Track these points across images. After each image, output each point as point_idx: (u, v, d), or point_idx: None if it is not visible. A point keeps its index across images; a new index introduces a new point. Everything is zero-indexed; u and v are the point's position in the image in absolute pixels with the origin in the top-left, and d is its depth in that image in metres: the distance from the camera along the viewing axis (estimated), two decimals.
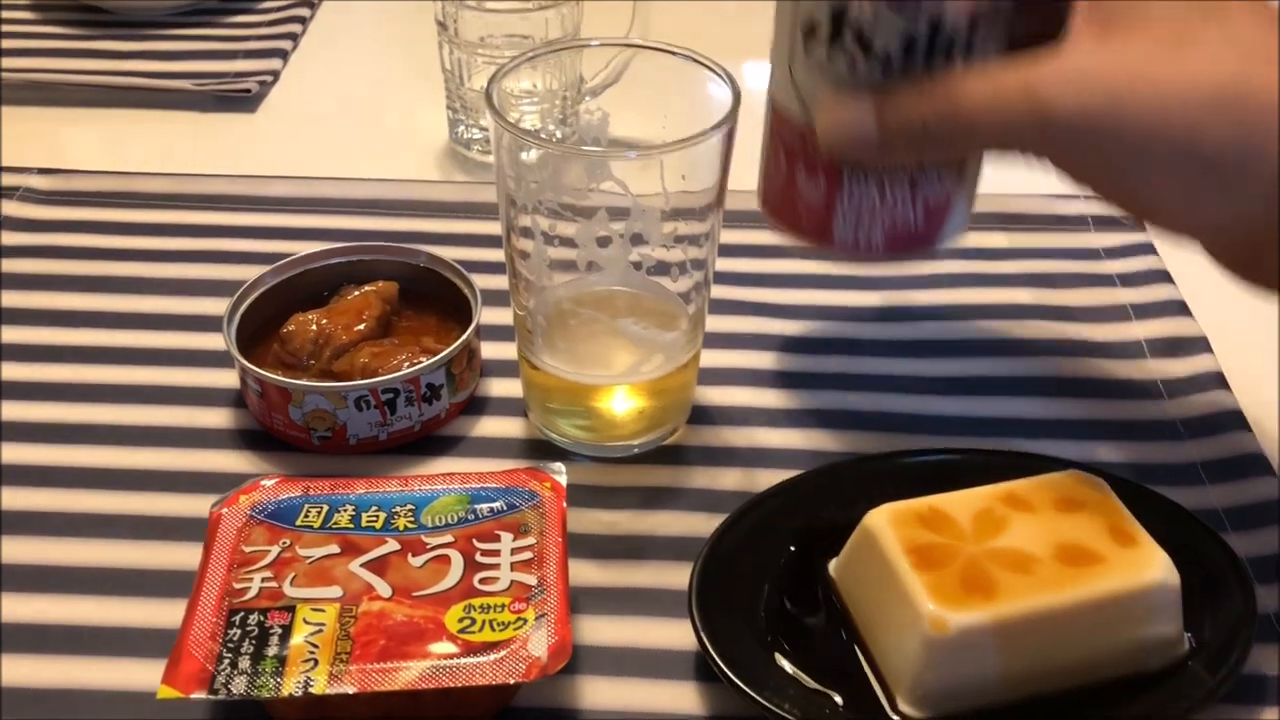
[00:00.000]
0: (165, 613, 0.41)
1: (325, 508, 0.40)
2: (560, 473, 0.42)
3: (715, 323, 0.51)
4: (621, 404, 0.47)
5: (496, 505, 0.40)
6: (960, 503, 0.40)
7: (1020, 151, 0.37)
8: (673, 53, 0.45)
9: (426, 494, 0.40)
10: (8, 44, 0.78)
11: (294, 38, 0.80)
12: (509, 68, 0.44)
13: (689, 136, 0.40)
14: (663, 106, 0.46)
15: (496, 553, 0.38)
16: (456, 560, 0.38)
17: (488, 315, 0.51)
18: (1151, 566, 0.38)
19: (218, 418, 0.50)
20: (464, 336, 0.49)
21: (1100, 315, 0.56)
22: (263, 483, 0.41)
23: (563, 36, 0.65)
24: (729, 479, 0.47)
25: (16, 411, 0.50)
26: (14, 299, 0.56)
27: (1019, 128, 0.36)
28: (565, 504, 0.40)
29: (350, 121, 0.73)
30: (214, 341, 0.51)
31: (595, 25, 0.66)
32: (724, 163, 0.42)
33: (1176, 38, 0.34)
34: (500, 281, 0.47)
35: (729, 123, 0.41)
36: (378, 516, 0.39)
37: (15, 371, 0.52)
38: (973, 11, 0.37)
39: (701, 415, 0.50)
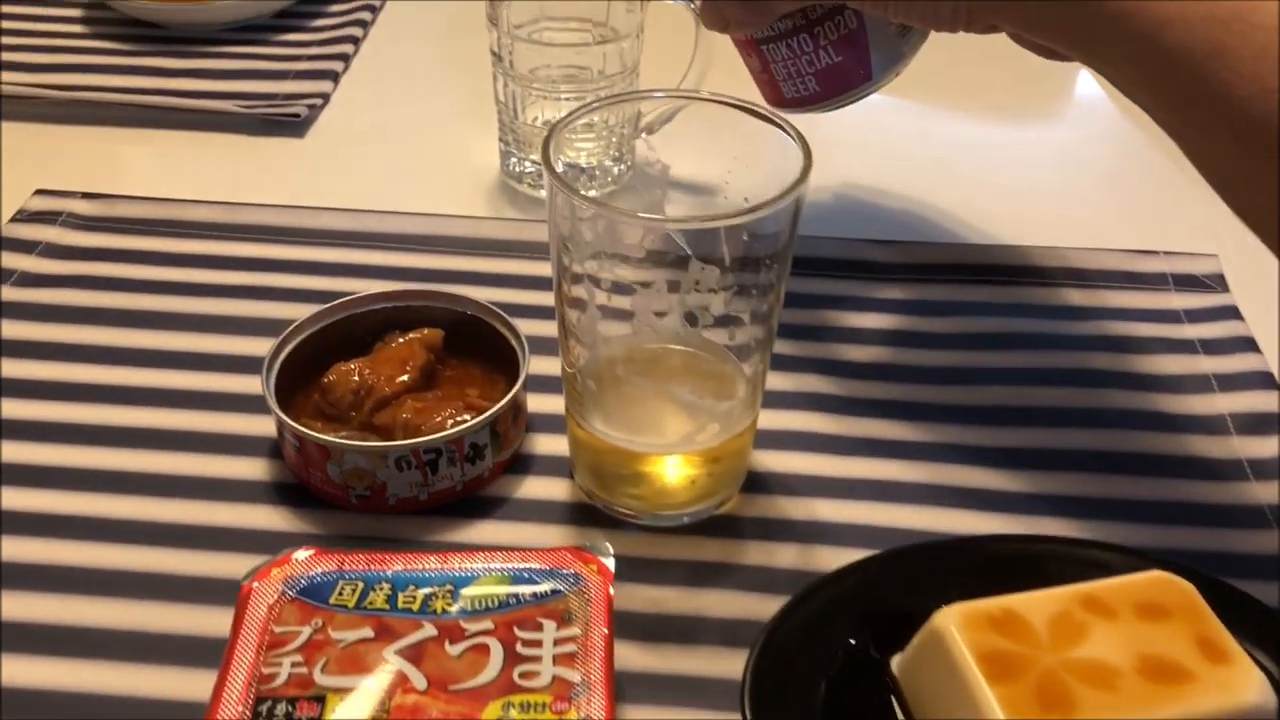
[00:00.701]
0: (191, 684, 0.39)
1: (360, 585, 0.38)
2: (608, 554, 0.39)
3: (773, 380, 0.48)
4: (673, 473, 0.45)
5: (540, 589, 0.38)
6: (1036, 605, 0.37)
7: None
8: (740, 107, 0.42)
9: (466, 574, 0.38)
10: (57, 59, 0.77)
11: (345, 58, 0.79)
12: (567, 121, 0.41)
13: (756, 206, 0.38)
14: (725, 149, 0.44)
15: (538, 643, 0.36)
16: (496, 650, 0.36)
17: (535, 364, 0.49)
18: (1246, 687, 0.35)
19: (253, 468, 0.48)
20: (510, 394, 0.46)
21: (1181, 385, 0.53)
22: (296, 555, 0.39)
23: (621, 71, 0.62)
24: (785, 556, 0.45)
25: (41, 455, 0.48)
26: (51, 332, 0.54)
27: None
28: (612, 590, 0.38)
29: (400, 148, 0.71)
30: (252, 385, 0.49)
31: (655, 57, 0.63)
32: (791, 228, 0.40)
33: None
34: (549, 328, 0.45)
35: (800, 189, 0.38)
36: (415, 597, 0.37)
37: (47, 410, 0.50)
38: None
39: (756, 482, 0.48)
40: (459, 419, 0.46)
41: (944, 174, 0.70)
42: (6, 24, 0.81)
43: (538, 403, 0.50)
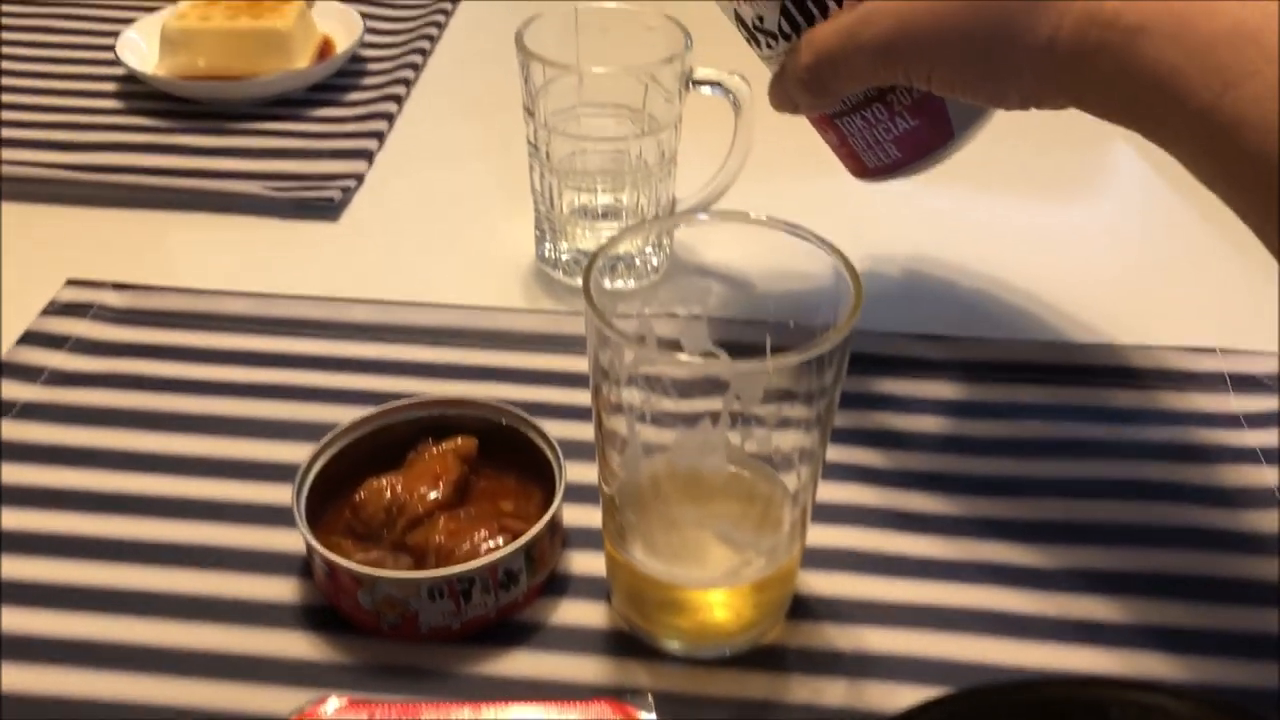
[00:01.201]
0: None
1: None
2: (648, 707, 0.38)
3: (820, 490, 0.46)
4: (716, 606, 0.43)
5: None
6: None
7: (869, 70, 0.46)
8: (791, 233, 0.41)
9: None
10: (89, 136, 0.76)
11: (380, 136, 0.78)
12: (607, 249, 0.40)
13: (805, 349, 0.36)
14: (766, 259, 0.42)
15: None
16: None
17: (573, 471, 0.47)
18: None
19: (281, 589, 0.47)
20: (546, 517, 0.45)
21: (1243, 500, 0.51)
22: (322, 709, 0.37)
23: (660, 160, 0.61)
24: (833, 692, 0.43)
25: (59, 572, 0.47)
26: (77, 436, 0.53)
27: (851, 55, 0.45)
28: None
29: (434, 231, 0.70)
30: (282, 495, 0.48)
31: (694, 140, 0.62)
32: (840, 363, 0.38)
33: None
34: (587, 430, 0.43)
35: (850, 327, 0.37)
36: None
37: (67, 523, 0.49)
38: None
39: (802, 607, 0.46)
40: (493, 543, 0.45)
41: (987, 259, 0.68)
42: (38, 99, 0.81)
43: (574, 514, 0.49)
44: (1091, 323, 0.62)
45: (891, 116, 0.50)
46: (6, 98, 0.81)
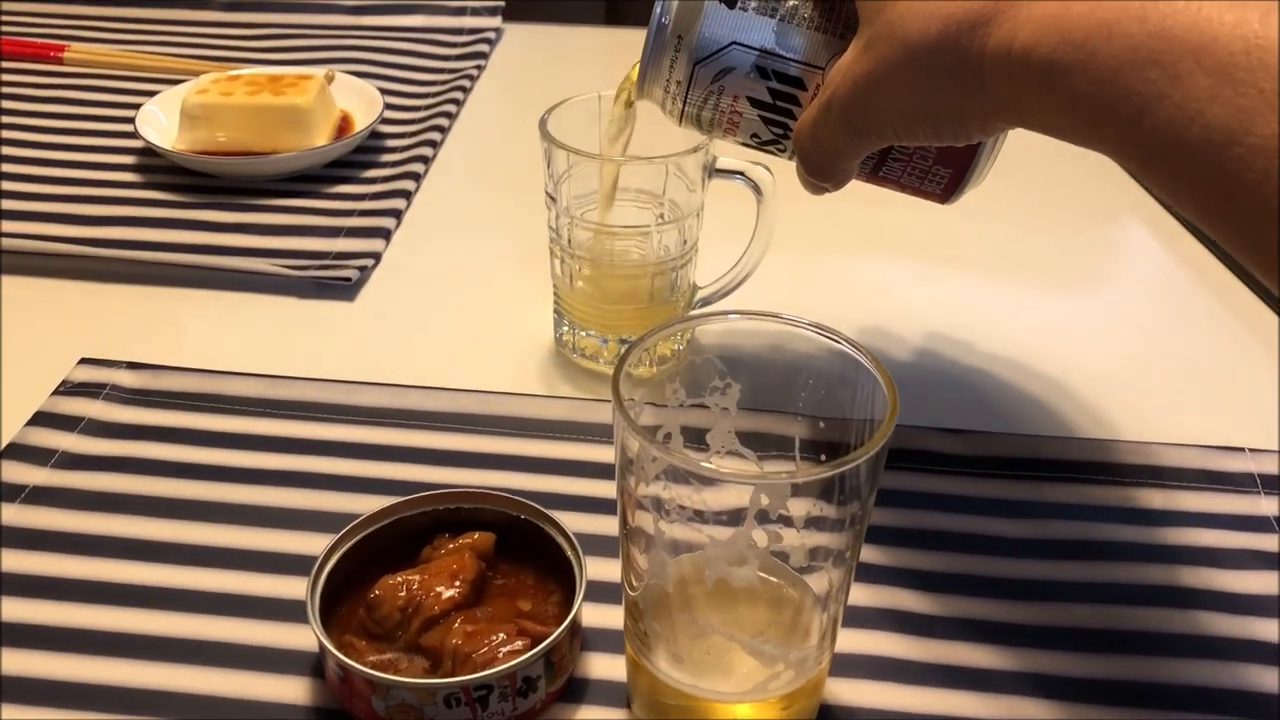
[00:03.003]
0: None
1: None
2: None
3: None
4: (742, 719, 0.42)
5: None
6: None
7: (850, 145, 0.47)
8: (822, 334, 0.40)
9: None
10: (107, 210, 0.76)
11: (398, 214, 0.78)
12: (629, 358, 0.39)
13: (835, 463, 0.35)
14: (797, 356, 0.42)
15: None
16: None
17: (593, 568, 0.46)
18: None
19: (292, 690, 0.45)
20: (567, 621, 0.44)
21: (1275, 609, 0.50)
22: None
23: (682, 248, 0.61)
24: None
25: (59, 667, 0.46)
26: (86, 522, 0.52)
27: (828, 140, 0.47)
28: None
29: (452, 312, 0.69)
30: (295, 589, 0.47)
31: (716, 223, 0.62)
32: (875, 469, 0.37)
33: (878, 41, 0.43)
34: (607, 524, 0.42)
35: (884, 439, 0.36)
36: None
37: (69, 614, 0.48)
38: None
39: (829, 718, 0.45)
40: (511, 648, 0.44)
41: (1008, 348, 0.67)
42: (57, 171, 0.81)
43: (594, 614, 0.48)
44: (1114, 416, 0.61)
45: (916, 147, 0.50)
46: (25, 169, 0.81)
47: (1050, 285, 0.75)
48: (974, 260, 0.77)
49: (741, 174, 0.60)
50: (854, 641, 0.48)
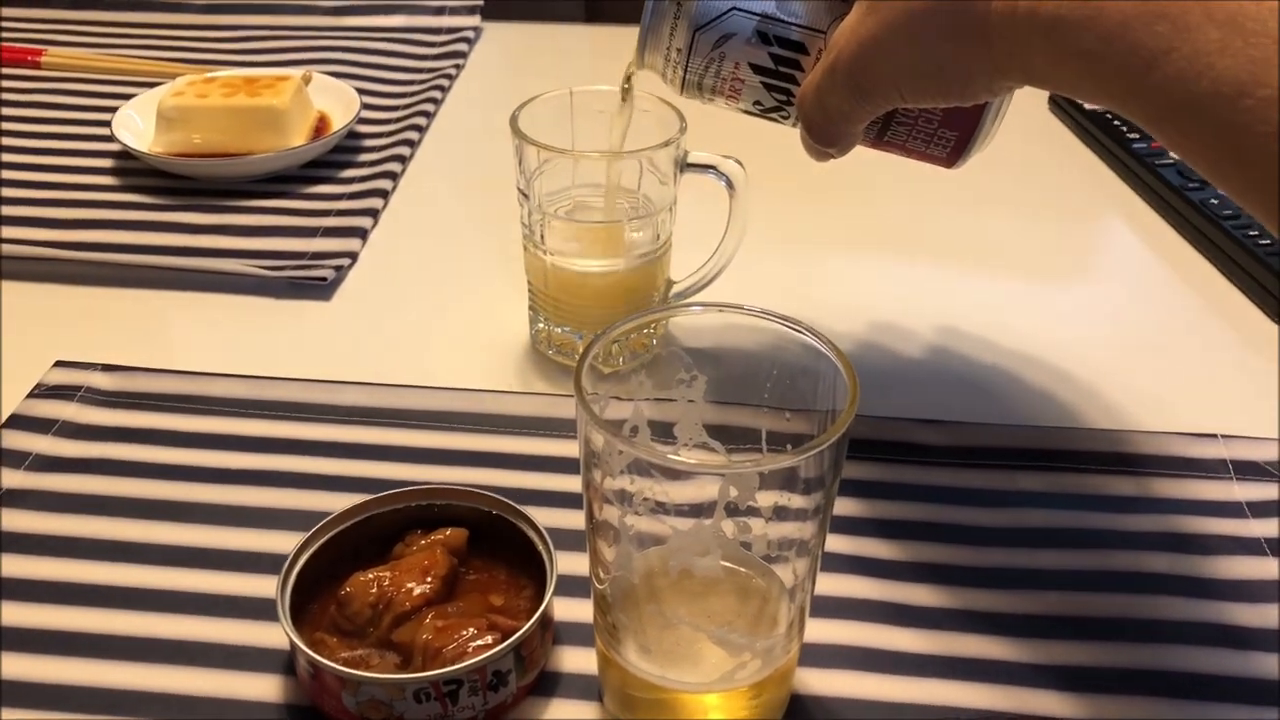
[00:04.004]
0: None
1: None
2: None
3: (818, 581, 0.45)
4: (711, 710, 0.42)
5: None
6: None
7: (856, 110, 0.47)
8: (787, 326, 0.40)
9: None
10: (84, 214, 0.76)
11: (374, 214, 0.78)
12: (597, 345, 0.39)
13: (801, 450, 0.35)
14: (763, 348, 0.42)
15: None
16: None
17: (564, 562, 0.46)
18: None
19: (263, 687, 0.45)
20: (536, 615, 0.44)
21: (1249, 593, 0.50)
22: None
23: (655, 243, 0.61)
24: None
25: (31, 668, 0.46)
26: (60, 524, 0.52)
27: (833, 104, 0.47)
28: None
29: (427, 310, 0.69)
30: (266, 587, 0.47)
31: (690, 220, 0.62)
32: (835, 460, 0.37)
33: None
34: (580, 519, 0.42)
35: (846, 424, 0.36)
36: None
37: (42, 616, 0.48)
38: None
39: (800, 708, 0.45)
40: (482, 642, 0.44)
41: (984, 341, 0.67)
42: (32, 175, 0.81)
43: (565, 608, 0.48)
44: (1090, 406, 0.61)
45: (921, 110, 0.49)
46: (1, 174, 0.81)
47: (1025, 279, 0.75)
48: (950, 254, 0.77)
49: (713, 168, 0.60)
50: (826, 631, 0.48)
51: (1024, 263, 0.76)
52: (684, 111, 0.59)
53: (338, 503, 0.48)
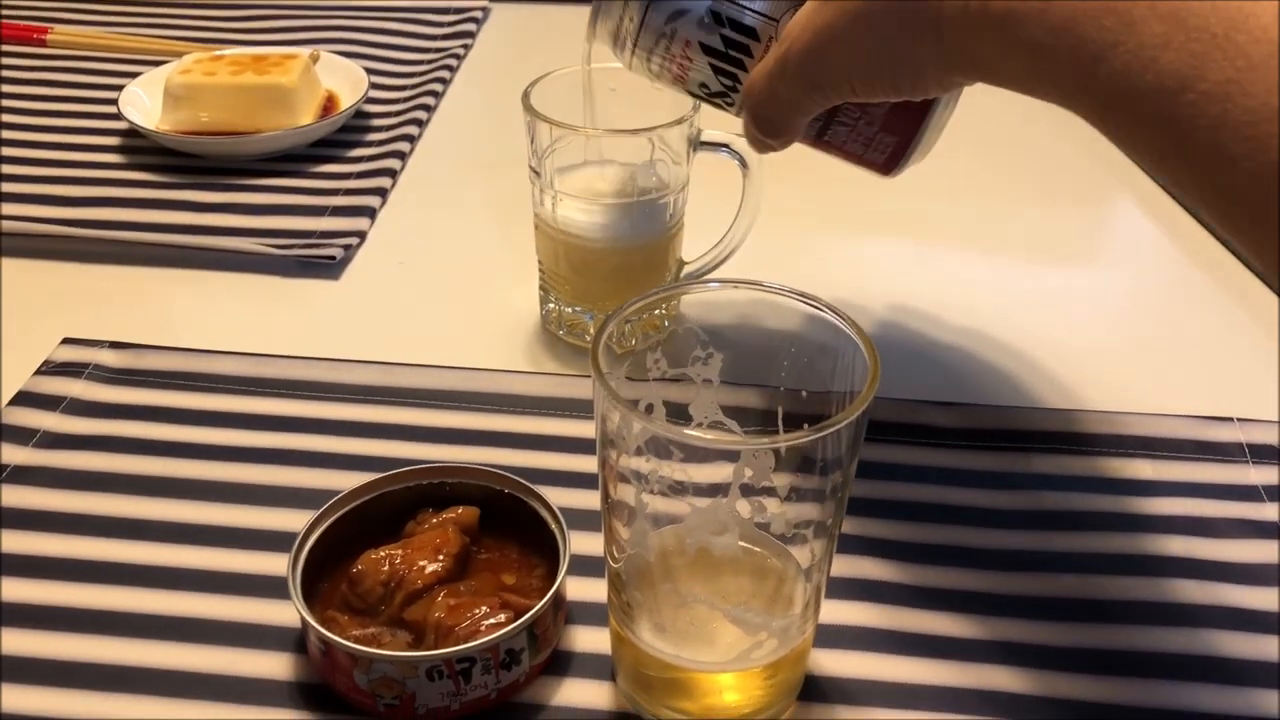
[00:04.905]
0: None
1: None
2: None
3: (833, 564, 0.45)
4: (726, 689, 0.42)
5: None
6: None
7: (805, 101, 0.46)
8: (805, 302, 0.40)
9: None
10: (93, 191, 0.76)
11: (383, 193, 0.77)
12: (614, 320, 0.39)
13: (817, 428, 0.35)
14: (780, 325, 0.41)
15: None
16: None
17: (577, 542, 0.46)
18: None
19: (275, 665, 0.45)
20: (550, 594, 0.44)
21: (1265, 577, 0.50)
22: None
23: (669, 223, 0.60)
24: None
25: (41, 645, 0.45)
26: (69, 501, 0.52)
27: (782, 94, 0.46)
28: None
29: (437, 290, 0.69)
30: (277, 565, 0.46)
31: (703, 199, 0.61)
32: (856, 438, 0.37)
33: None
34: (591, 499, 0.42)
35: (866, 402, 0.36)
36: None
37: (51, 593, 0.48)
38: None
39: (813, 688, 0.45)
40: (494, 620, 0.43)
41: (999, 323, 0.67)
42: (40, 153, 0.80)
43: (578, 587, 0.47)
44: (1105, 389, 0.61)
45: (863, 111, 0.49)
46: (7, 151, 0.80)
47: (1041, 262, 0.75)
48: (964, 237, 0.76)
49: (726, 146, 0.59)
50: (840, 613, 0.47)
51: (1037, 246, 0.76)
52: None
53: (347, 481, 0.48)
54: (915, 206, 0.78)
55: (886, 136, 0.50)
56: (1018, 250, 0.75)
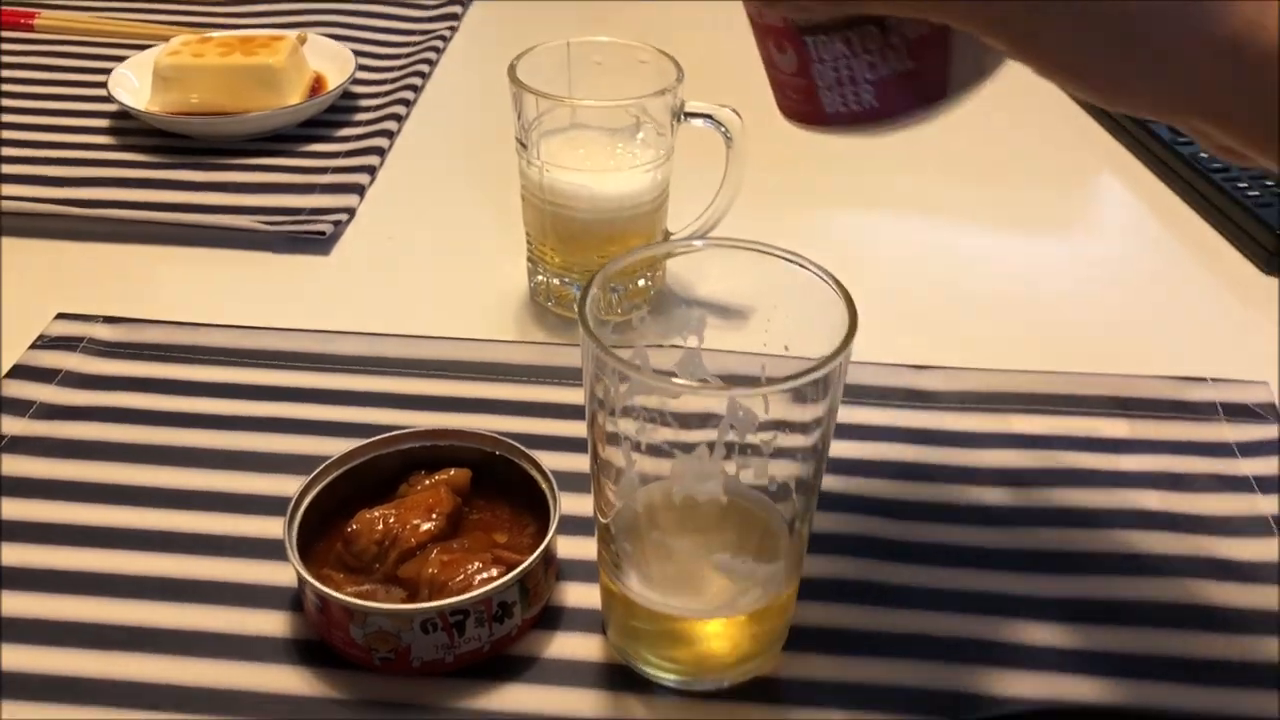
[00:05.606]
0: None
1: None
2: None
3: (817, 520, 0.46)
4: (712, 638, 0.43)
5: None
6: None
7: None
8: (786, 259, 0.41)
9: None
10: (83, 172, 0.76)
11: (371, 171, 0.78)
12: (597, 278, 0.40)
13: (798, 373, 0.36)
14: (760, 285, 0.42)
15: None
16: None
17: (567, 503, 0.47)
18: None
19: (272, 623, 0.46)
20: (541, 547, 0.45)
21: (1238, 528, 0.51)
22: None
23: (653, 197, 0.61)
24: None
25: (48, 607, 0.46)
26: (66, 469, 0.53)
27: None
28: None
29: (426, 264, 0.70)
30: (273, 528, 0.47)
31: (687, 174, 0.62)
32: (835, 389, 0.38)
33: None
34: (579, 462, 0.43)
35: (844, 352, 0.37)
36: None
37: (55, 557, 0.49)
38: None
39: (800, 639, 0.46)
40: (487, 575, 0.44)
41: (981, 291, 0.68)
42: (31, 135, 0.81)
43: (569, 546, 0.48)
44: (1083, 353, 0.62)
45: (885, 49, 0.37)
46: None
47: (1022, 233, 0.76)
48: (947, 209, 0.77)
49: (710, 117, 0.60)
50: (824, 567, 0.48)
51: (1021, 217, 0.77)
52: (682, 64, 0.59)
53: (339, 448, 0.49)
54: (899, 180, 0.79)
55: (869, 96, 0.38)
56: (1001, 222, 0.76)
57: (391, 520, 0.47)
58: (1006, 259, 0.72)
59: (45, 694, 0.43)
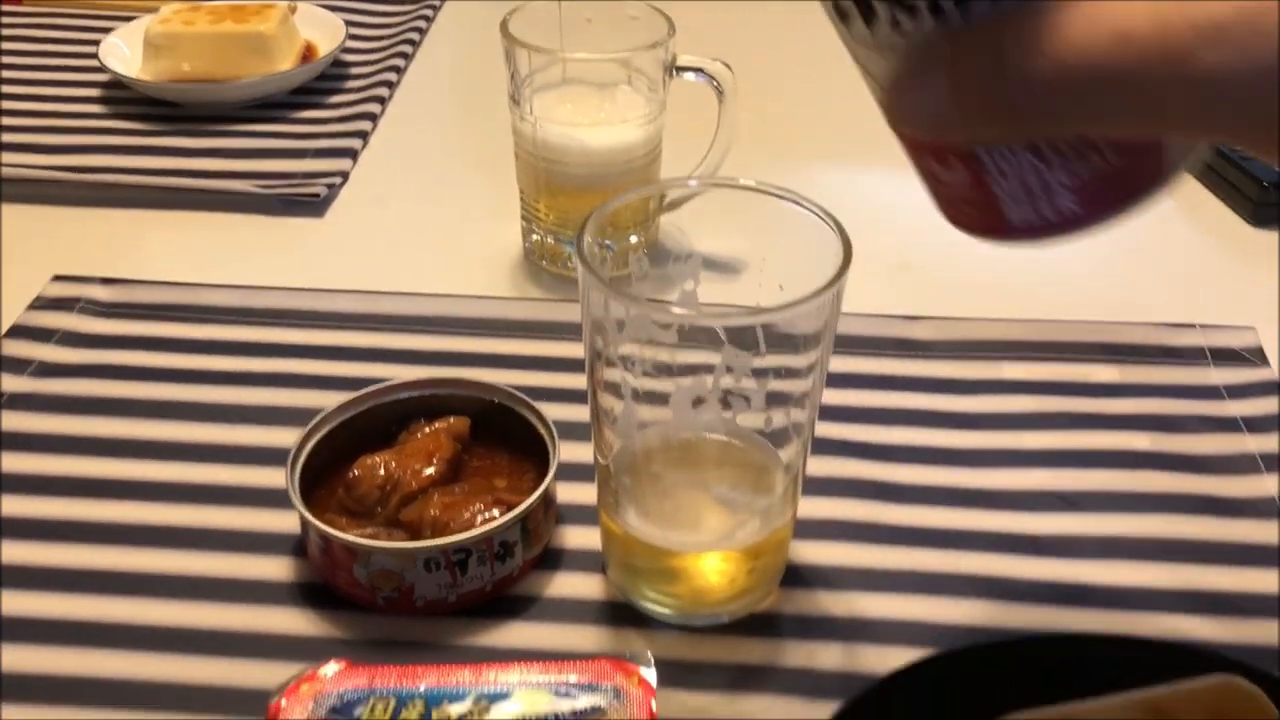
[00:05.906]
0: None
1: (392, 702, 0.36)
2: (648, 664, 0.38)
3: (811, 464, 0.47)
4: (711, 571, 0.43)
5: (579, 705, 0.36)
6: (1098, 715, 0.36)
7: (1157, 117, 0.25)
8: (776, 195, 0.41)
9: (502, 688, 0.37)
10: (76, 140, 0.77)
11: (364, 135, 0.78)
12: (593, 217, 0.40)
13: (793, 302, 0.36)
14: (754, 227, 0.43)
15: None
16: None
17: (565, 451, 0.47)
18: None
19: (276, 568, 0.47)
20: (540, 489, 0.45)
21: (1226, 466, 0.52)
22: (322, 671, 0.37)
23: (646, 152, 0.62)
24: (828, 657, 0.43)
25: (53, 555, 0.47)
26: (68, 424, 0.53)
27: (1154, 80, 0.24)
28: (654, 705, 0.36)
29: (421, 225, 0.70)
30: (275, 478, 0.48)
31: (679, 130, 0.63)
32: (830, 320, 0.39)
33: None
34: (577, 412, 0.43)
35: (839, 282, 0.37)
36: (448, 714, 0.36)
37: (61, 508, 0.49)
38: None
39: (796, 576, 0.46)
40: (488, 515, 0.45)
41: (972, 242, 0.68)
42: (24, 104, 0.81)
43: (568, 492, 0.49)
44: (1073, 303, 0.63)
45: (1085, 154, 0.30)
46: None
47: None
48: None
49: (701, 70, 0.61)
50: (821, 508, 0.49)
51: None
52: (674, 19, 0.60)
53: (338, 400, 0.49)
54: (890, 135, 0.80)
55: (1069, 201, 0.31)
56: None
57: (393, 465, 0.47)
58: None
59: (48, 638, 0.43)
